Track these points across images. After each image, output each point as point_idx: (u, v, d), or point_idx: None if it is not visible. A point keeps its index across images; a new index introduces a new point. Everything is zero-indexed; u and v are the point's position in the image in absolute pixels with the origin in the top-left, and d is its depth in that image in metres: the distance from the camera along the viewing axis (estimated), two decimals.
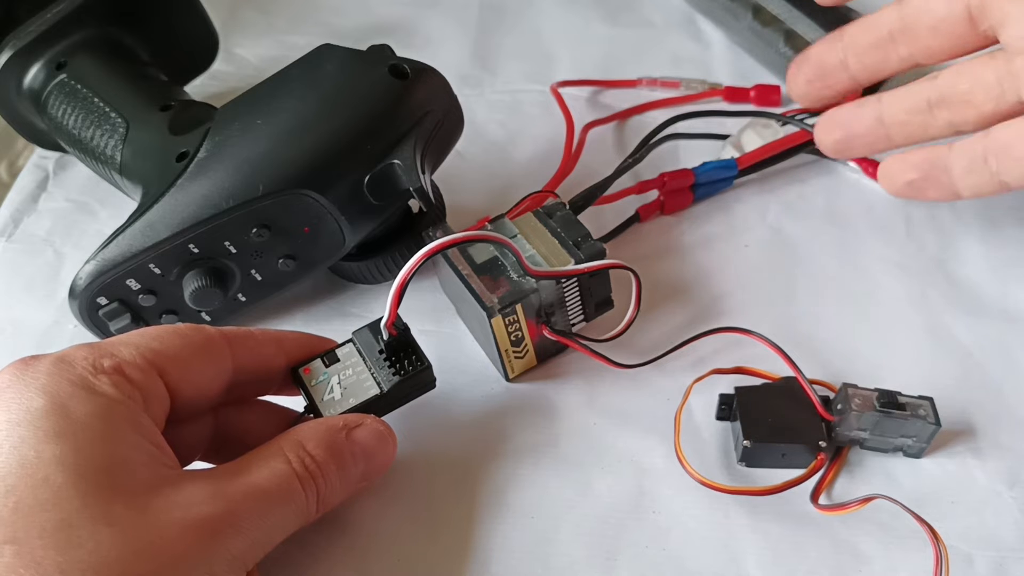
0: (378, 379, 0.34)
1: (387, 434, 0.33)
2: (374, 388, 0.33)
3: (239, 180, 0.36)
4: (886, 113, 0.38)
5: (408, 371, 0.34)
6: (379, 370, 0.34)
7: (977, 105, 0.35)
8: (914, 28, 0.36)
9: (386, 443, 0.32)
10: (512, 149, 0.50)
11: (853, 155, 0.41)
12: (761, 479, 0.35)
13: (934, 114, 0.36)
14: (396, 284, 0.32)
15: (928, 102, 0.36)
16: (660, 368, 0.38)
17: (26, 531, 0.24)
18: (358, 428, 0.32)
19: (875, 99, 0.38)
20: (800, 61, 0.41)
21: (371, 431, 0.32)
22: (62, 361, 0.27)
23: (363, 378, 0.34)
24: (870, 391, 0.34)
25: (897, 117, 0.38)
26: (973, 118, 0.35)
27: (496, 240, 0.34)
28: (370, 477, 0.32)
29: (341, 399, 0.33)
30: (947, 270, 0.42)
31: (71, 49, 0.44)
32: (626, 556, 0.33)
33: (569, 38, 0.57)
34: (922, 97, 0.37)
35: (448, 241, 0.33)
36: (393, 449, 0.33)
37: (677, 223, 0.45)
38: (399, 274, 0.32)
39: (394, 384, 0.33)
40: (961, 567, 0.32)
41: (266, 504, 0.28)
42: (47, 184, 0.49)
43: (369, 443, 0.32)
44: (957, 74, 0.35)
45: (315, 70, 0.39)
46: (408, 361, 0.34)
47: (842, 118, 0.40)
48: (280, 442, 0.30)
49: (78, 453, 0.25)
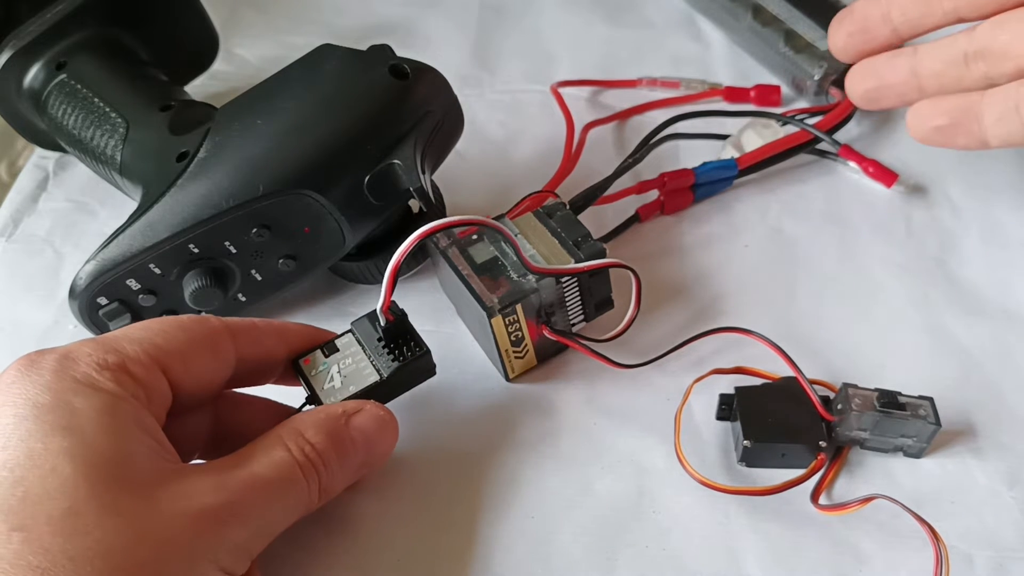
0: (377, 366, 0.34)
1: (388, 419, 0.32)
2: (373, 375, 0.33)
3: (239, 180, 0.36)
4: (921, 64, 0.38)
5: (407, 357, 0.34)
6: (378, 357, 0.34)
7: (1015, 57, 0.34)
8: None
9: (387, 428, 0.32)
10: (512, 149, 0.50)
11: (883, 105, 0.41)
12: (761, 479, 0.35)
13: (970, 67, 0.36)
14: (391, 267, 0.32)
15: (965, 55, 0.36)
16: (660, 368, 0.38)
17: (34, 519, 0.24)
18: (358, 414, 0.32)
19: (911, 50, 0.38)
20: (843, 14, 0.41)
21: (371, 416, 0.32)
22: (67, 358, 0.28)
23: (362, 366, 0.34)
24: (870, 391, 0.34)
25: (932, 68, 0.37)
26: (1011, 70, 0.35)
27: (492, 226, 0.34)
28: (372, 463, 0.32)
29: (341, 387, 0.33)
30: (947, 270, 0.42)
31: (71, 49, 0.44)
32: (626, 556, 0.33)
33: (569, 38, 0.57)
34: (958, 49, 0.36)
35: (444, 224, 0.33)
36: (394, 434, 0.33)
37: (677, 223, 0.45)
38: (393, 256, 0.32)
39: (393, 370, 0.33)
40: (961, 567, 0.32)
41: (268, 493, 0.28)
42: (47, 184, 0.49)
43: (369, 429, 0.32)
44: (998, 26, 0.35)
45: (315, 70, 0.39)
46: (407, 347, 0.34)
47: (875, 67, 0.40)
48: (280, 431, 0.30)
49: (85, 445, 0.26)
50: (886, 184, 0.45)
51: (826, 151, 0.47)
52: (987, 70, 0.36)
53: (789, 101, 0.51)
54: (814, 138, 0.45)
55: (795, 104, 0.51)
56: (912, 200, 0.45)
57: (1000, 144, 0.36)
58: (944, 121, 0.38)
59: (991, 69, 0.36)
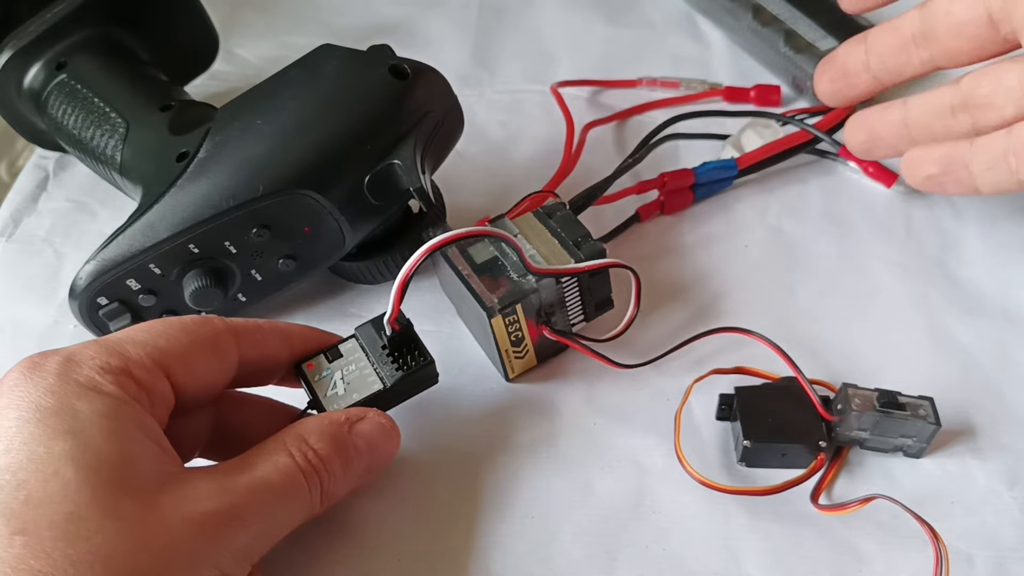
0: (381, 374, 0.34)
1: (390, 427, 0.33)
2: (377, 383, 0.33)
3: (239, 180, 0.36)
4: (910, 116, 0.39)
5: (411, 366, 0.34)
6: (382, 365, 0.34)
7: (998, 108, 0.35)
8: (935, 31, 0.37)
9: (389, 436, 0.33)
10: (512, 149, 0.50)
11: (878, 156, 0.42)
12: (761, 479, 0.35)
13: (957, 118, 0.37)
14: (399, 279, 0.32)
15: (951, 106, 0.37)
16: (660, 368, 0.38)
17: (36, 523, 0.24)
18: (361, 421, 0.32)
19: (900, 103, 0.39)
20: (826, 62, 0.42)
21: (374, 424, 0.32)
22: (70, 361, 0.28)
23: (366, 373, 0.34)
24: (870, 391, 0.34)
25: (921, 120, 0.38)
26: (995, 121, 0.36)
27: (499, 236, 0.34)
28: (374, 470, 0.33)
29: (344, 394, 0.33)
30: (947, 270, 0.42)
31: (71, 49, 0.44)
32: (626, 556, 0.33)
33: (569, 38, 0.57)
34: (945, 101, 0.37)
35: (452, 236, 0.33)
36: (396, 442, 0.33)
37: (677, 223, 0.45)
38: (402, 269, 0.32)
39: (397, 379, 0.33)
40: (961, 567, 0.32)
41: (270, 498, 0.28)
42: (47, 184, 0.49)
43: (372, 436, 0.32)
44: (979, 78, 0.36)
45: (315, 70, 0.39)
46: (411, 356, 0.34)
47: (868, 121, 0.41)
48: (283, 436, 0.30)
49: (87, 449, 0.26)
50: (886, 184, 0.45)
51: (826, 151, 0.47)
52: (973, 121, 0.36)
53: (789, 101, 0.51)
54: (814, 138, 0.45)
55: (795, 104, 0.51)
56: (912, 200, 0.45)
57: (991, 192, 0.37)
58: (935, 170, 0.38)
59: (976, 120, 0.36)
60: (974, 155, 0.37)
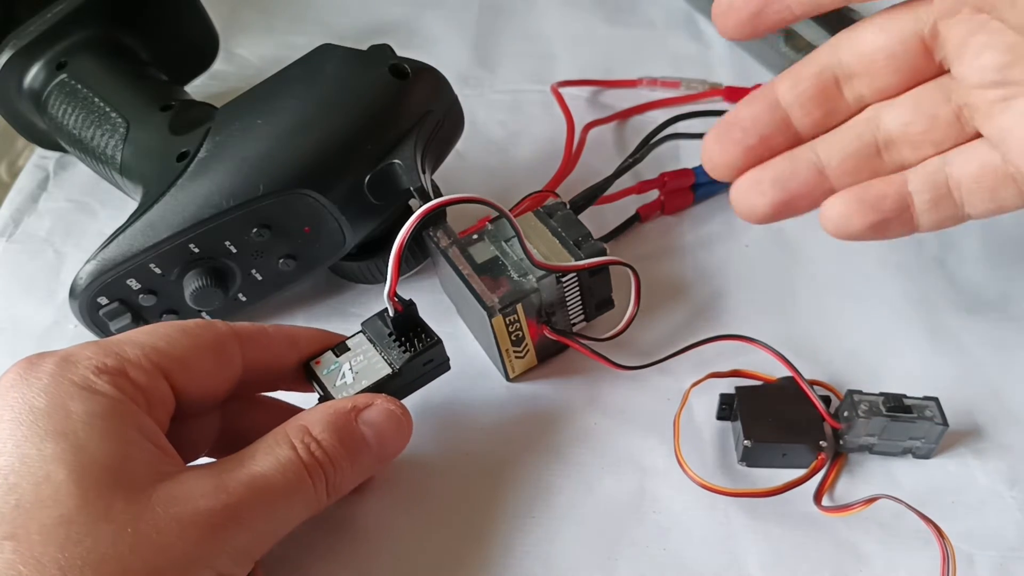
0: (389, 360, 0.33)
1: (400, 414, 0.31)
2: (385, 368, 0.33)
3: (239, 180, 0.36)
4: (826, 162, 0.32)
5: (418, 348, 0.33)
6: (389, 352, 0.33)
7: (937, 143, 0.31)
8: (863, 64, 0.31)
9: (400, 424, 0.31)
10: (512, 149, 0.50)
11: (795, 215, 0.33)
12: (762, 479, 0.35)
13: (884, 157, 0.32)
14: (395, 249, 0.32)
15: (877, 145, 0.31)
16: (660, 368, 0.38)
17: (26, 528, 0.24)
18: (368, 409, 0.30)
19: (807, 148, 0.32)
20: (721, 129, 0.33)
21: (382, 411, 0.31)
22: (66, 361, 0.27)
23: (374, 361, 0.33)
24: (875, 396, 0.34)
25: (842, 166, 0.32)
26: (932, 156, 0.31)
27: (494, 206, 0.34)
28: (385, 460, 0.31)
29: (353, 383, 0.33)
30: (947, 270, 0.42)
31: (71, 49, 0.44)
32: (627, 556, 0.33)
33: (569, 38, 0.57)
34: (867, 140, 0.32)
35: (444, 201, 0.33)
36: (408, 430, 0.32)
37: (677, 223, 0.45)
38: (396, 238, 0.32)
39: (405, 361, 0.33)
40: (962, 567, 0.32)
41: (270, 495, 0.27)
42: (47, 184, 0.49)
43: (381, 424, 0.31)
44: (912, 113, 0.31)
45: (315, 70, 0.39)
46: (418, 339, 0.34)
47: (774, 176, 0.32)
48: (286, 428, 0.29)
49: (79, 451, 0.25)
50: None
51: None
52: (905, 158, 0.31)
53: None
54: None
55: None
56: None
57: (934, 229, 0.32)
58: (874, 218, 0.32)
59: (910, 157, 0.31)
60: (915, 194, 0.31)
